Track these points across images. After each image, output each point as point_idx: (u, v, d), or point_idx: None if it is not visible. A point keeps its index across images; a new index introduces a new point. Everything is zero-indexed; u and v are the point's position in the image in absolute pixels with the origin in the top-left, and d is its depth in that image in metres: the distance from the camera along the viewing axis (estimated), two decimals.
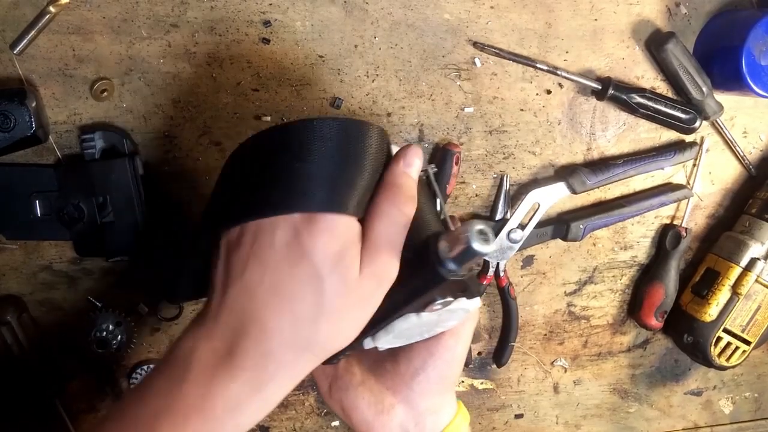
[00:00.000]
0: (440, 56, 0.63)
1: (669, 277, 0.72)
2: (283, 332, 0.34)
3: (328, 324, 0.35)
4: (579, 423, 0.79)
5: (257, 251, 0.35)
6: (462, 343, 0.48)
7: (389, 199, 0.38)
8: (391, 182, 0.39)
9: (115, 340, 0.62)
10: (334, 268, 0.35)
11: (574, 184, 0.67)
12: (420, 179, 0.45)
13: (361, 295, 0.36)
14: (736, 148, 0.73)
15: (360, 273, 0.36)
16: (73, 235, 0.58)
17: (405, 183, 0.39)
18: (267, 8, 0.59)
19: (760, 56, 0.64)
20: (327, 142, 0.37)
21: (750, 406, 0.84)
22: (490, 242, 0.36)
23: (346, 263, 0.35)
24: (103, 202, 0.57)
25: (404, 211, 0.38)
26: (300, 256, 0.34)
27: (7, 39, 0.54)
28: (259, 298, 0.35)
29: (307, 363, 0.37)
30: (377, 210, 0.37)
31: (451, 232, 0.37)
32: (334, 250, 0.35)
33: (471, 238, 0.35)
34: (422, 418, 0.48)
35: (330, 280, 0.35)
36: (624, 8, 0.66)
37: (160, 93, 0.58)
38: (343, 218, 0.36)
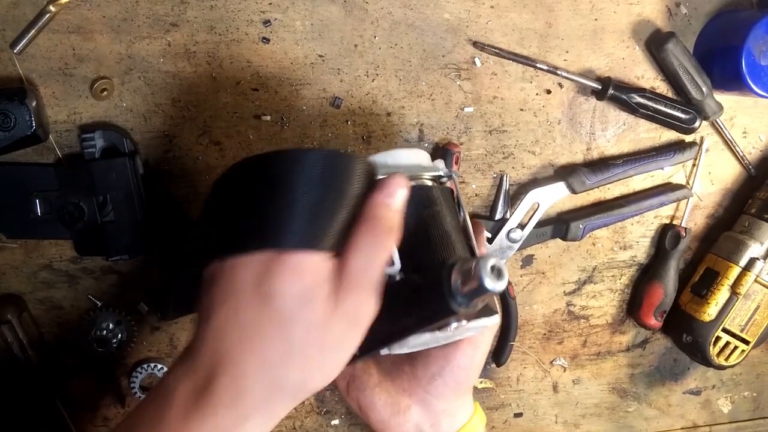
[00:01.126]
0: (440, 56, 0.63)
1: (668, 277, 0.72)
2: (255, 373, 0.34)
3: (299, 366, 0.34)
4: (578, 422, 0.79)
5: (229, 290, 0.35)
6: (480, 351, 0.48)
7: (365, 232, 0.36)
8: (368, 214, 0.36)
9: (115, 339, 0.62)
10: (301, 310, 0.33)
11: (574, 184, 0.67)
12: (440, 188, 0.44)
13: (334, 336, 0.35)
14: (736, 148, 0.73)
15: (332, 312, 0.34)
16: (74, 235, 0.58)
17: (383, 215, 0.36)
18: (267, 7, 0.59)
19: (760, 56, 0.64)
20: (302, 176, 0.35)
21: (749, 406, 0.84)
22: (503, 278, 0.35)
23: (314, 305, 0.34)
24: (103, 201, 0.57)
25: (382, 245, 0.36)
26: (267, 297, 0.33)
27: (7, 38, 0.54)
28: (231, 337, 0.34)
29: (284, 403, 0.36)
30: (353, 244, 0.36)
31: (464, 266, 0.36)
32: (301, 290, 0.34)
33: (483, 276, 0.34)
34: (438, 420, 0.48)
35: (297, 323, 0.33)
36: (624, 8, 0.66)
37: (159, 92, 0.59)
38: (311, 257, 0.34)
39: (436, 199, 0.43)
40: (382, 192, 0.37)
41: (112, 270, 0.61)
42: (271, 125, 0.61)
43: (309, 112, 0.62)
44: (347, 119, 0.63)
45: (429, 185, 0.44)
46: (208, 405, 0.33)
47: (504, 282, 0.35)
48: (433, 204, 0.43)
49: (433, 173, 0.45)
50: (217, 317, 0.35)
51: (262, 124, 0.61)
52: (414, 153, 0.46)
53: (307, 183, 0.35)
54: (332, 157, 0.37)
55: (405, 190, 0.38)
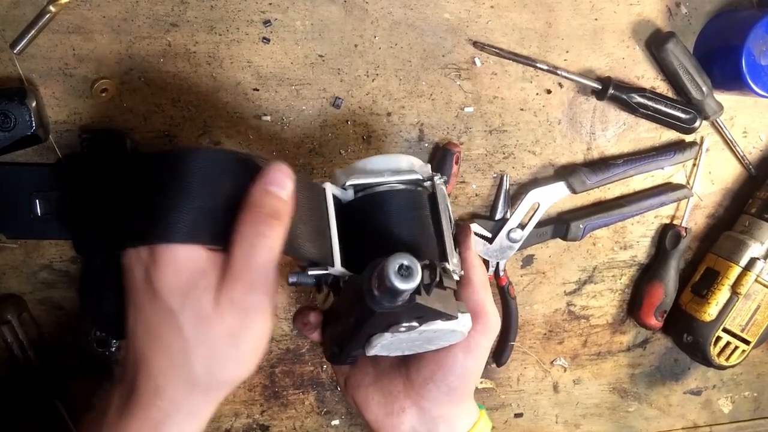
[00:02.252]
0: (440, 56, 0.63)
1: (669, 277, 0.72)
2: (163, 369, 0.34)
3: (202, 358, 0.34)
4: (578, 422, 0.79)
5: (129, 287, 0.36)
6: (473, 357, 0.46)
7: (245, 221, 0.35)
8: (248, 202, 0.36)
9: (115, 340, 0.62)
10: (184, 302, 0.34)
11: (574, 184, 0.67)
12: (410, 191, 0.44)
13: (228, 326, 0.35)
14: (736, 148, 0.73)
15: (218, 303, 0.34)
16: (73, 234, 0.58)
17: (264, 201, 0.36)
18: (267, 7, 0.59)
19: (760, 56, 0.64)
20: (182, 172, 0.35)
21: (749, 406, 0.84)
22: (412, 277, 0.34)
23: (196, 295, 0.34)
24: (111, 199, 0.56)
25: (263, 233, 0.35)
26: (152, 291, 0.34)
27: (7, 38, 0.54)
28: (141, 336, 0.35)
29: (202, 399, 0.36)
30: (235, 234, 0.35)
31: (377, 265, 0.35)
32: (180, 282, 0.34)
33: (390, 275, 0.34)
34: (435, 425, 0.48)
35: (184, 314, 0.34)
36: (624, 8, 0.66)
37: (160, 92, 0.59)
38: (184, 248, 0.34)
39: (399, 203, 0.44)
40: (261, 179, 0.36)
41: None
42: (272, 125, 0.61)
43: (309, 112, 0.62)
44: (347, 119, 0.63)
45: (390, 189, 0.44)
46: (133, 406, 0.35)
47: (413, 282, 0.34)
48: (391, 208, 0.43)
49: (408, 177, 0.44)
50: (129, 317, 0.36)
51: (263, 124, 0.61)
52: (395, 159, 0.46)
53: (186, 179, 0.35)
54: (211, 154, 0.37)
55: (287, 177, 0.37)
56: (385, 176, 0.44)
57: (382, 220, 0.43)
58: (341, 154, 0.64)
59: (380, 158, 0.46)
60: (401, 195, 0.44)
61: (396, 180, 0.44)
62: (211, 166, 0.36)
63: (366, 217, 0.44)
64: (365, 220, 0.43)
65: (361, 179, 0.44)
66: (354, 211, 0.44)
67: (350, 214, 0.44)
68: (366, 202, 0.44)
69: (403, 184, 0.45)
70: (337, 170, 0.47)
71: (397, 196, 0.44)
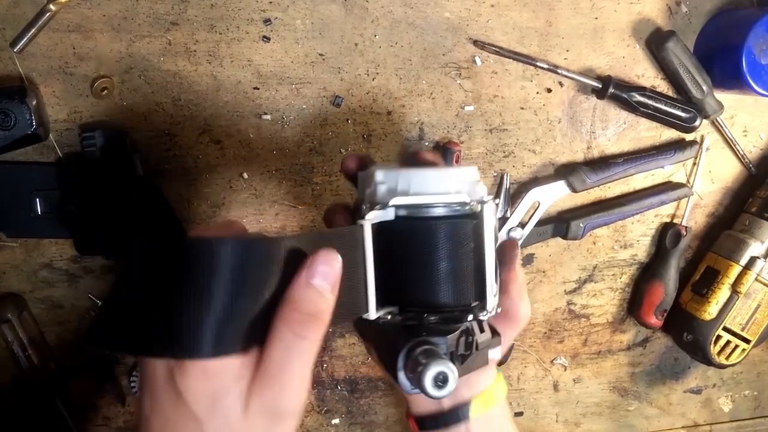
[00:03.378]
0: (440, 54, 0.63)
1: (669, 276, 0.72)
2: None
3: None
4: (579, 421, 0.79)
5: (147, 383, 0.33)
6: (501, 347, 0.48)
7: (284, 320, 0.33)
8: (288, 299, 0.33)
9: None
10: (211, 412, 0.31)
11: (575, 183, 0.67)
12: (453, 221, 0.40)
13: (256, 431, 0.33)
14: (736, 147, 0.73)
15: (247, 409, 0.32)
16: (74, 234, 0.58)
17: (304, 297, 0.33)
18: (267, 6, 0.59)
19: (761, 55, 0.64)
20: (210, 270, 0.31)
21: (749, 405, 0.84)
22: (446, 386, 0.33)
23: (225, 404, 0.32)
24: (102, 200, 0.57)
25: (301, 333, 0.33)
26: (177, 396, 0.32)
27: (7, 37, 0.54)
28: (153, 426, 0.33)
29: None
30: (272, 333, 0.33)
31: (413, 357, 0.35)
32: (209, 392, 0.31)
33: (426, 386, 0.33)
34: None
35: (211, 424, 0.32)
36: (624, 7, 0.66)
37: (160, 91, 0.58)
38: (218, 361, 0.31)
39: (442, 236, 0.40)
40: (305, 272, 0.33)
41: (112, 269, 0.61)
42: (272, 124, 0.61)
43: (309, 111, 0.62)
44: (348, 118, 0.63)
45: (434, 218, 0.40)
46: None
47: (447, 389, 0.34)
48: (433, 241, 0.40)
49: (456, 199, 0.41)
50: (143, 402, 0.34)
51: (263, 123, 0.61)
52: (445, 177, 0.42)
53: (215, 278, 0.31)
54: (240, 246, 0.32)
55: (329, 267, 0.34)
56: (430, 198, 0.40)
57: (421, 252, 0.40)
58: (341, 153, 0.64)
59: (429, 174, 0.41)
60: (445, 226, 0.40)
61: (443, 203, 0.41)
62: (241, 260, 0.31)
63: (405, 245, 0.40)
64: (404, 249, 0.40)
65: (403, 200, 0.40)
66: (392, 233, 0.40)
67: (388, 235, 0.40)
68: (406, 228, 0.40)
69: (450, 209, 0.41)
70: (378, 170, 0.42)
71: (440, 227, 0.40)
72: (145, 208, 0.58)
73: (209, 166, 0.61)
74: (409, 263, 0.40)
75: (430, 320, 0.40)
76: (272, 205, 0.64)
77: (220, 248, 0.31)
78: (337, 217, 0.47)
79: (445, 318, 0.40)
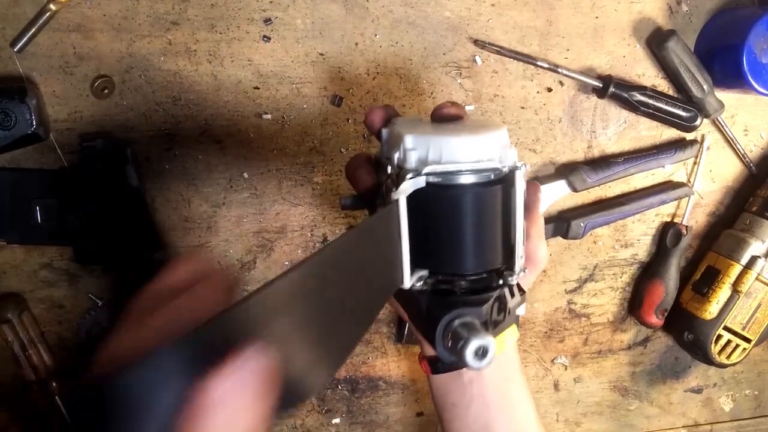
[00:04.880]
0: (441, 54, 0.63)
1: (669, 275, 0.72)
2: None
3: None
4: (579, 420, 0.79)
5: None
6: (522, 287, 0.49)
7: None
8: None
9: None
10: None
11: (575, 182, 0.67)
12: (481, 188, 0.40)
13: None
14: (737, 146, 0.72)
15: None
16: (73, 244, 0.58)
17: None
18: (268, 6, 0.59)
19: (761, 54, 0.64)
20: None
21: (750, 404, 0.84)
22: (488, 355, 0.34)
23: None
24: (103, 210, 0.56)
25: None
26: None
27: (7, 37, 0.54)
28: None
29: None
30: None
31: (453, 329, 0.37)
32: None
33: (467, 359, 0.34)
34: None
35: None
36: (625, 6, 0.66)
37: (160, 91, 0.58)
38: None
39: (472, 202, 0.40)
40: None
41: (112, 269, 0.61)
42: (272, 123, 0.61)
43: (310, 111, 0.62)
44: (348, 117, 0.63)
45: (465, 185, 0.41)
46: None
47: (487, 360, 0.35)
48: (463, 208, 0.40)
49: (487, 165, 0.41)
50: None
51: (263, 122, 0.61)
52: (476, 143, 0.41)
53: None
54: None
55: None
56: (463, 165, 0.40)
57: (452, 219, 0.41)
58: (342, 153, 0.63)
59: (461, 142, 0.41)
60: (476, 193, 0.41)
61: (474, 169, 0.41)
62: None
63: (435, 212, 0.41)
64: (434, 216, 0.41)
65: (437, 168, 0.40)
66: (423, 200, 0.40)
67: (418, 202, 0.40)
68: (437, 196, 0.41)
69: (482, 175, 0.41)
70: (407, 134, 0.42)
71: (471, 194, 0.40)
72: (130, 222, 0.58)
73: (210, 165, 0.61)
74: (439, 230, 0.41)
75: (461, 285, 0.41)
76: (272, 205, 0.64)
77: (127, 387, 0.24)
78: (359, 173, 0.48)
79: (475, 281, 0.41)
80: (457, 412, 0.53)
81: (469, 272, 0.41)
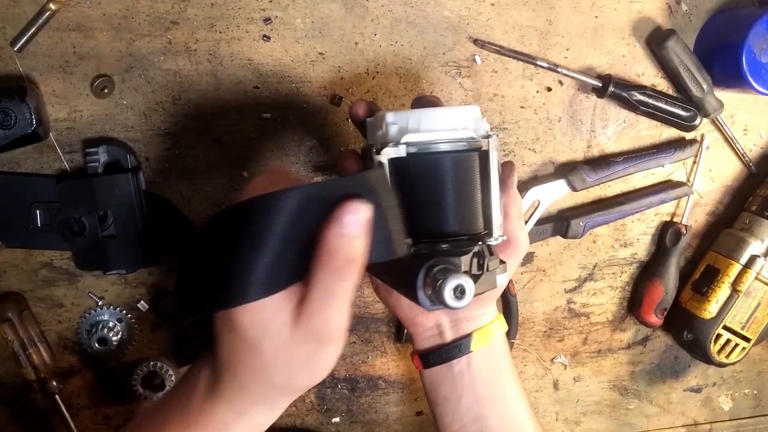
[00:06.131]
0: (440, 53, 0.63)
1: (669, 275, 0.72)
2: (247, 376, 0.39)
3: (281, 372, 0.39)
4: (579, 420, 0.79)
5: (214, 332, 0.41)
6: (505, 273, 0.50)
7: (323, 267, 0.36)
8: (323, 248, 0.36)
9: (115, 337, 0.62)
10: (263, 335, 0.37)
11: (575, 182, 0.67)
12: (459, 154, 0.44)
13: (305, 351, 0.38)
14: (737, 146, 0.73)
15: (294, 333, 0.37)
16: (73, 249, 0.58)
17: (338, 246, 0.36)
18: (267, 5, 0.59)
19: (761, 54, 0.64)
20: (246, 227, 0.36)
21: (749, 403, 0.84)
22: (465, 297, 0.36)
23: (273, 329, 0.37)
24: (104, 216, 0.56)
25: (341, 277, 0.37)
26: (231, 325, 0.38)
27: (7, 36, 0.54)
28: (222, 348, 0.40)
29: (279, 398, 0.42)
30: (312, 277, 0.37)
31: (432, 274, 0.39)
32: (257, 320, 0.37)
33: (446, 298, 0.36)
34: (458, 322, 0.53)
35: (263, 344, 0.38)
36: (625, 5, 0.66)
37: (160, 90, 0.58)
38: (251, 306, 0.36)
39: (450, 169, 0.44)
40: (335, 223, 0.36)
41: None
42: (272, 123, 0.61)
43: (310, 110, 0.62)
44: (348, 117, 0.63)
45: (442, 152, 0.44)
46: (219, 394, 0.40)
47: (466, 300, 0.37)
48: (442, 175, 0.44)
49: (463, 135, 0.44)
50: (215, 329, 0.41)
51: (263, 121, 0.61)
52: (451, 114, 0.45)
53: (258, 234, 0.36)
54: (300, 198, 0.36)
55: (361, 215, 0.36)
56: (439, 134, 0.44)
57: (431, 184, 0.44)
58: (341, 152, 0.64)
59: (436, 113, 0.45)
60: (453, 160, 0.44)
61: (450, 138, 0.44)
62: (294, 211, 0.36)
63: (416, 180, 0.44)
64: (415, 184, 0.44)
65: (414, 137, 0.44)
66: (404, 169, 0.44)
67: (399, 172, 0.44)
68: (417, 164, 0.44)
69: (457, 144, 0.44)
70: (388, 112, 0.45)
71: (449, 161, 0.44)
72: (157, 221, 0.59)
73: (210, 164, 0.61)
74: (420, 196, 0.44)
75: (442, 247, 0.43)
76: None
77: (279, 203, 0.35)
78: (347, 162, 0.51)
79: (456, 242, 0.43)
80: (448, 405, 0.54)
81: (449, 233, 0.43)
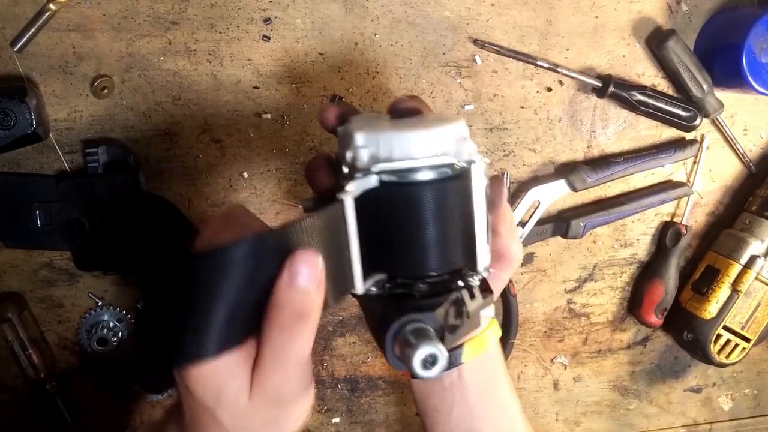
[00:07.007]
0: (441, 54, 0.63)
1: (669, 275, 0.72)
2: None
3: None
4: (579, 420, 0.79)
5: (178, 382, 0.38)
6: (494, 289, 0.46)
7: (270, 322, 0.34)
8: (272, 303, 0.34)
9: (115, 338, 0.62)
10: (218, 402, 0.35)
11: (575, 182, 0.67)
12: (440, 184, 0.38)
13: (263, 415, 0.36)
14: (737, 146, 0.73)
15: (252, 397, 0.35)
16: (73, 249, 0.58)
17: (287, 300, 0.34)
18: (267, 5, 0.59)
19: (761, 54, 0.64)
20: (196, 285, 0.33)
21: (749, 403, 0.84)
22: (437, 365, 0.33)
23: (228, 396, 0.35)
24: (104, 216, 0.56)
25: (292, 332, 0.34)
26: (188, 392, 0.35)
27: (7, 36, 0.54)
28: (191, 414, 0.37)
29: None
30: (262, 335, 0.34)
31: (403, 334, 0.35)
32: (210, 392, 0.34)
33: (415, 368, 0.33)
34: None
35: (220, 411, 0.35)
36: (625, 5, 0.66)
37: (160, 90, 0.58)
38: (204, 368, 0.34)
39: (428, 201, 0.38)
40: (285, 275, 0.34)
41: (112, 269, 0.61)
42: (272, 123, 0.61)
43: (309, 110, 0.62)
44: None
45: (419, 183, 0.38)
46: None
47: (436, 371, 0.33)
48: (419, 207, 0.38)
49: (442, 161, 0.39)
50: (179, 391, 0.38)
51: (263, 122, 0.61)
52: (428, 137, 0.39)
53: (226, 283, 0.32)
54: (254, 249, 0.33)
55: (313, 266, 0.34)
56: (416, 162, 0.38)
57: (407, 220, 0.38)
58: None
59: (412, 138, 0.39)
60: (431, 191, 0.38)
61: (428, 165, 0.38)
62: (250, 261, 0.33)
63: (390, 212, 0.39)
64: (389, 216, 0.39)
65: (388, 166, 0.38)
66: (376, 200, 0.39)
67: (372, 202, 0.38)
68: (391, 195, 0.39)
69: (437, 171, 0.39)
70: (357, 132, 0.39)
71: (426, 193, 0.38)
72: (156, 222, 0.58)
73: (209, 165, 0.61)
74: (394, 232, 0.39)
75: (420, 288, 0.39)
76: (272, 204, 0.64)
77: (232, 256, 0.32)
78: (318, 174, 0.47)
79: (435, 284, 0.39)
80: (439, 417, 0.51)
81: (427, 275, 0.39)
